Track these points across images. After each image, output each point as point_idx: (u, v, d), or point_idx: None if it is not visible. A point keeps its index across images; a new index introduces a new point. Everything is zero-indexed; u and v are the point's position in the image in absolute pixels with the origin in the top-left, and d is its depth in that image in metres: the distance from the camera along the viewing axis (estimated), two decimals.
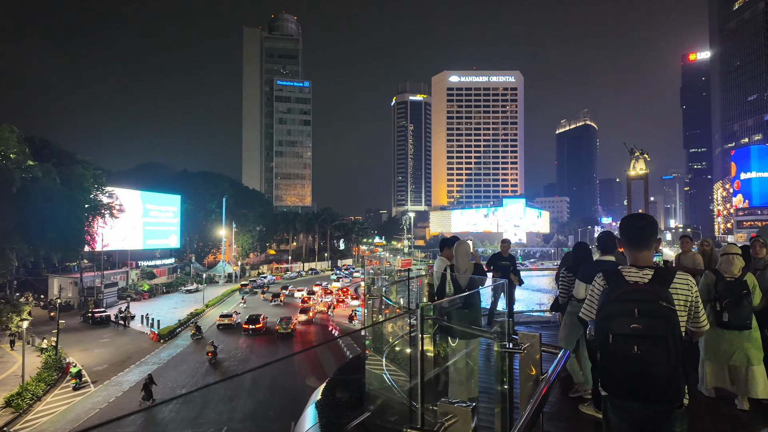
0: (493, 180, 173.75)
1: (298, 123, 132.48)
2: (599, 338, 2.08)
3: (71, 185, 31.76)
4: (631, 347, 1.96)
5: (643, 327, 1.96)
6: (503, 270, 7.29)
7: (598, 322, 2.10)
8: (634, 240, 2.28)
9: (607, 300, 2.10)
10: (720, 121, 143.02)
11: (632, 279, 2.17)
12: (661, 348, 1.95)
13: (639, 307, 2.01)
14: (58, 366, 23.67)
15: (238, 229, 71.65)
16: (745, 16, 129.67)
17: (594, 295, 2.36)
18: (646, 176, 47.38)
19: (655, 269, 2.20)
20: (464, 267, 4.54)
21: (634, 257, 2.29)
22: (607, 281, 2.25)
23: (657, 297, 2.05)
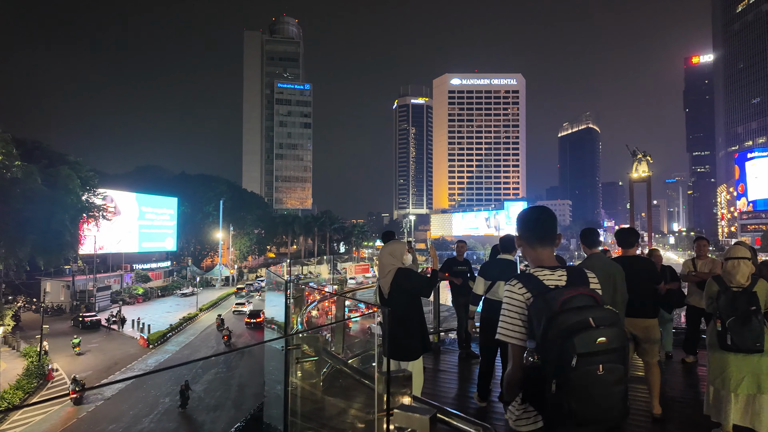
0: (495, 183, 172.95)
1: (298, 126, 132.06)
2: (555, 363, 1.58)
3: (56, 186, 31.09)
4: (596, 367, 1.56)
5: (608, 339, 1.59)
6: (461, 276, 6.34)
7: (552, 343, 1.60)
8: (538, 233, 1.90)
9: (552, 312, 1.64)
10: (723, 124, 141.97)
11: (551, 283, 1.79)
12: (622, 362, 1.63)
13: (593, 316, 1.62)
14: (40, 373, 22.94)
15: (235, 232, 70.99)
16: (748, 18, 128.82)
17: (515, 308, 1.81)
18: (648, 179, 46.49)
19: (565, 269, 1.86)
20: (386, 269, 3.73)
21: (538, 256, 1.90)
22: (527, 287, 1.79)
23: (599, 300, 1.75)
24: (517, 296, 1.80)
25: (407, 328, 3.65)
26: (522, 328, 1.78)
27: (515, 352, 1.76)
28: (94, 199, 40.68)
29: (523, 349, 1.74)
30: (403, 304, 3.65)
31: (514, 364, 1.78)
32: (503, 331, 1.83)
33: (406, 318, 3.66)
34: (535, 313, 1.70)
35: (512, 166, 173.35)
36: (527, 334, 1.76)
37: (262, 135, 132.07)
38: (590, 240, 4.07)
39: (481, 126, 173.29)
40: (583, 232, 4.15)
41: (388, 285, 3.68)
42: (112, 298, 45.28)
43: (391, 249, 3.78)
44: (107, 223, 45.31)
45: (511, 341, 1.80)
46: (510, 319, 1.81)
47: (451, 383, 5.35)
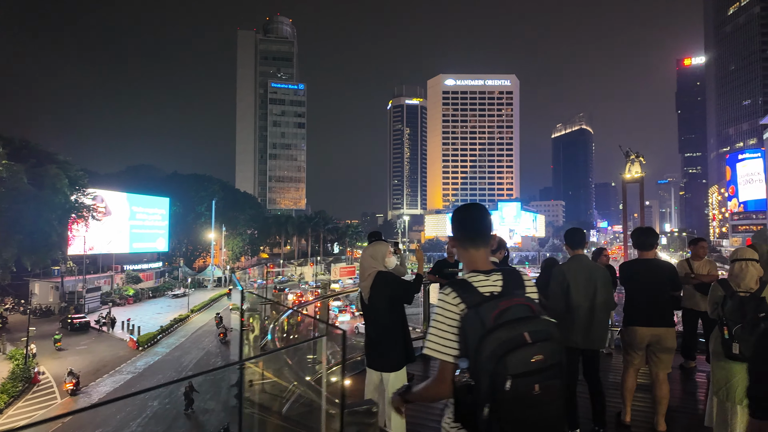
0: (489, 184, 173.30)
1: (292, 126, 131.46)
2: (487, 385, 1.40)
3: (43, 186, 30.54)
4: (532, 387, 1.40)
5: (545, 356, 1.42)
6: (451, 278, 6.10)
7: (484, 364, 1.41)
8: (470, 233, 1.71)
9: (484, 328, 1.45)
10: (715, 126, 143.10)
11: (486, 289, 1.57)
12: (559, 378, 1.47)
13: (529, 330, 1.44)
14: (26, 376, 22.48)
15: (228, 232, 70.47)
16: (740, 21, 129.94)
17: (448, 320, 1.56)
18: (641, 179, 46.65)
19: (501, 272, 1.65)
20: (366, 272, 3.47)
21: (472, 258, 1.70)
22: (462, 297, 1.55)
23: (536, 310, 1.56)
24: (451, 307, 1.57)
25: (388, 336, 3.42)
26: (454, 343, 1.54)
27: (445, 369, 1.55)
28: (84, 199, 40.07)
29: (454, 367, 1.53)
30: (383, 310, 3.41)
31: (440, 380, 1.56)
32: (432, 345, 1.57)
33: (387, 325, 3.42)
34: (467, 329, 1.50)
35: (506, 166, 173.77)
36: (460, 351, 1.53)
37: (256, 135, 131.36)
38: (573, 240, 3.87)
39: (475, 127, 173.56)
40: (567, 232, 3.94)
41: (368, 289, 3.44)
42: (102, 300, 44.66)
43: (372, 251, 3.53)
44: (97, 224, 44.70)
45: (440, 357, 1.55)
46: (441, 332, 1.57)
47: None
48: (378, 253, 3.50)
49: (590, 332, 3.66)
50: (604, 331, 3.74)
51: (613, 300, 3.81)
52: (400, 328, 3.48)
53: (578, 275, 3.70)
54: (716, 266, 5.60)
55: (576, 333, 3.67)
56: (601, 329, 3.69)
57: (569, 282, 3.69)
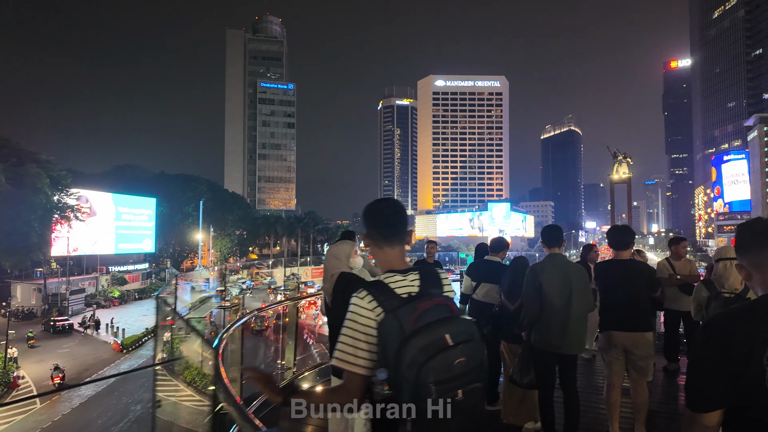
0: (479, 184, 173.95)
1: (282, 126, 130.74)
2: (409, 396, 1.29)
3: (23, 186, 29.88)
4: (456, 393, 1.30)
5: (467, 358, 1.32)
6: None
7: (404, 374, 1.28)
8: (385, 229, 1.58)
9: (404, 334, 1.32)
10: (701, 127, 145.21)
11: (404, 291, 1.46)
12: (482, 380, 1.39)
13: (450, 332, 1.32)
14: (5, 381, 21.94)
15: (216, 233, 69.80)
16: (724, 24, 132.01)
17: (362, 327, 1.42)
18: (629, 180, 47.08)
19: (418, 271, 1.54)
20: (329, 273, 3.17)
21: (387, 257, 1.58)
22: (379, 301, 1.43)
23: (455, 310, 1.46)
24: (367, 312, 1.42)
25: None
26: (368, 353, 1.40)
27: (353, 381, 1.40)
28: (67, 199, 39.33)
29: (365, 379, 1.40)
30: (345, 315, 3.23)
31: (347, 392, 1.41)
32: (343, 355, 1.41)
33: None
34: (385, 336, 1.36)
35: (496, 167, 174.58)
36: (376, 362, 1.40)
37: (245, 135, 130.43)
38: (549, 238, 3.67)
39: (465, 127, 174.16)
40: (543, 229, 3.75)
41: (330, 292, 3.18)
42: (87, 302, 43.89)
43: (336, 250, 3.28)
44: (82, 224, 43.93)
45: (351, 369, 1.40)
46: (354, 341, 1.41)
47: None
48: (341, 252, 3.27)
49: (566, 335, 3.44)
50: (581, 334, 3.52)
51: (591, 301, 3.57)
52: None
53: (552, 275, 3.51)
54: (696, 266, 5.54)
55: (551, 336, 3.47)
56: (578, 332, 3.48)
57: (542, 282, 3.50)
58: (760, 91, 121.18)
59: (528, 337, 3.60)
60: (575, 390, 3.54)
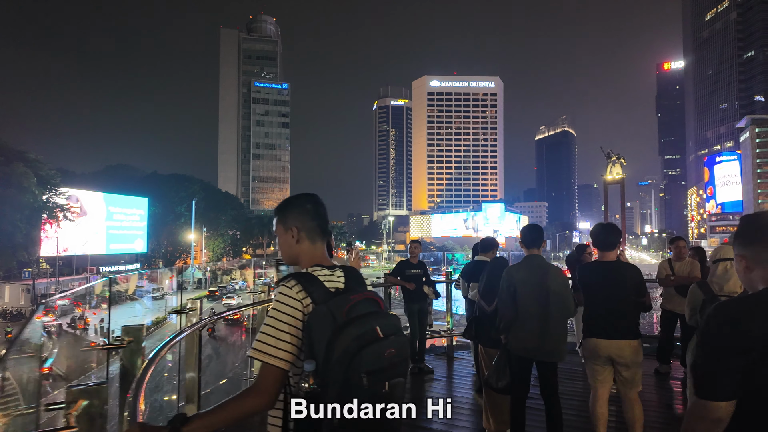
0: (473, 185, 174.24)
1: (276, 125, 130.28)
2: (340, 388, 1.25)
3: (9, 185, 29.45)
4: (383, 384, 1.29)
5: (396, 350, 1.32)
6: (414, 280, 5.68)
7: (335, 365, 1.25)
8: (314, 223, 1.54)
9: (336, 324, 1.30)
10: (693, 129, 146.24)
11: (332, 285, 1.45)
12: (405, 376, 1.38)
13: (380, 324, 1.33)
14: None
15: (209, 233, 69.37)
16: (717, 26, 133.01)
17: (289, 318, 1.36)
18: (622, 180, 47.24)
19: (342, 268, 1.54)
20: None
21: (315, 253, 1.55)
22: (308, 291, 1.40)
23: (383, 305, 1.46)
24: (294, 302, 1.38)
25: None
26: (291, 346, 1.36)
27: (270, 376, 1.33)
28: (56, 198, 38.86)
29: (285, 374, 1.35)
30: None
31: (261, 391, 1.33)
32: (264, 347, 1.33)
33: None
34: (315, 326, 1.31)
35: (490, 168, 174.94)
36: (296, 356, 1.37)
37: (239, 135, 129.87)
38: (527, 238, 3.48)
39: (460, 128, 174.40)
40: (523, 229, 3.54)
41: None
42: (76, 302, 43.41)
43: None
44: (72, 224, 43.46)
45: (271, 362, 1.33)
46: (278, 332, 1.35)
47: None
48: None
49: (543, 341, 3.26)
50: (560, 341, 3.34)
51: (571, 305, 3.36)
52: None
53: (528, 278, 3.34)
54: (698, 267, 5.38)
55: (527, 342, 3.30)
56: (556, 339, 3.30)
57: (516, 286, 3.34)
58: (751, 93, 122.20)
59: (506, 341, 3.45)
60: (557, 399, 3.35)
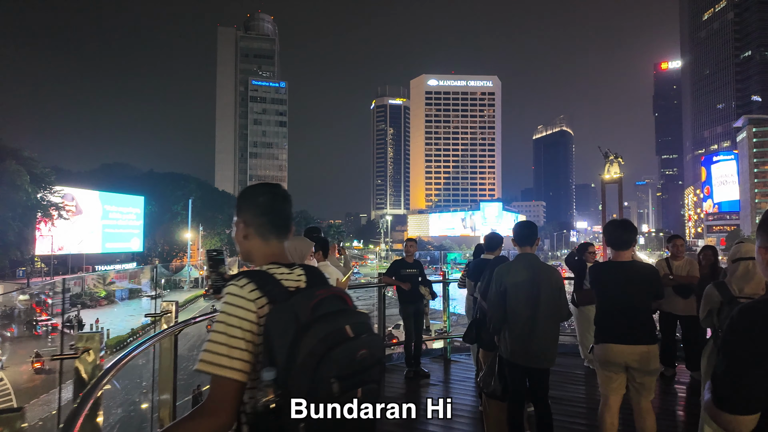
0: (471, 184, 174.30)
1: (273, 124, 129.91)
2: (303, 394, 1.08)
3: (1, 182, 29.13)
4: (355, 391, 1.14)
5: (369, 350, 1.17)
6: (410, 280, 5.49)
7: (303, 367, 1.08)
8: (276, 219, 1.37)
9: (299, 323, 1.13)
10: (690, 128, 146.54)
11: (291, 284, 1.29)
12: (378, 382, 1.23)
13: (350, 323, 1.17)
14: None
15: (205, 232, 69.12)
16: (714, 26, 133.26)
17: (241, 322, 1.18)
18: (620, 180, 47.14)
19: (302, 267, 1.37)
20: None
21: (273, 250, 1.37)
22: (263, 290, 1.22)
23: (350, 303, 1.31)
24: (247, 304, 1.20)
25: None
26: (246, 353, 1.17)
27: (224, 390, 1.14)
28: (51, 197, 38.56)
29: (242, 387, 1.17)
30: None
31: (215, 410, 1.14)
32: (213, 357, 1.15)
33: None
34: (275, 327, 1.13)
35: (488, 167, 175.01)
36: (253, 365, 1.18)
37: (236, 133, 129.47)
38: (520, 236, 3.32)
39: (458, 127, 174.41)
40: (515, 226, 3.38)
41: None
42: (72, 301, 43.10)
43: (290, 246, 2.74)
44: (67, 223, 43.16)
45: (223, 374, 1.13)
46: (229, 338, 1.16)
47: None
48: (296, 250, 2.68)
49: (531, 346, 3.07)
50: (549, 345, 3.14)
51: (564, 308, 3.21)
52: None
53: (518, 277, 3.16)
54: (697, 267, 5.22)
55: (515, 346, 3.12)
56: (545, 344, 3.11)
57: (506, 286, 3.17)
58: (748, 93, 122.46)
59: (499, 344, 3.31)
60: (546, 405, 3.16)
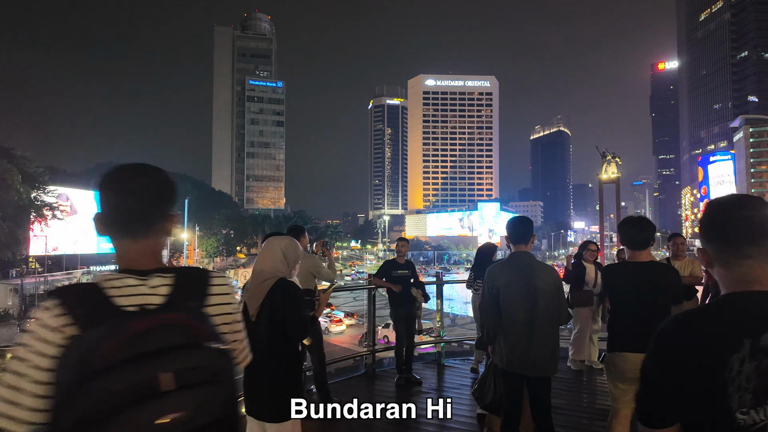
0: (469, 184, 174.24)
1: (270, 124, 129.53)
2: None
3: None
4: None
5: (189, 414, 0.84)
6: (401, 282, 5.08)
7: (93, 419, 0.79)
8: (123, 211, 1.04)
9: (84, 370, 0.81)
10: (687, 129, 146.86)
11: (132, 301, 0.94)
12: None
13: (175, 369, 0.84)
14: None
15: (202, 232, 68.83)
16: (711, 27, 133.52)
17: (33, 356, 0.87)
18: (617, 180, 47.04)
19: (175, 272, 1.04)
20: (263, 277, 2.45)
21: (126, 252, 1.05)
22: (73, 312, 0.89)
23: (203, 334, 0.93)
24: (46, 334, 0.88)
25: (268, 369, 2.34)
26: (37, 399, 0.85)
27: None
28: (44, 197, 38.24)
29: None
30: (270, 335, 2.36)
31: None
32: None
33: (274, 353, 2.36)
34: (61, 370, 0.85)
35: (485, 167, 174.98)
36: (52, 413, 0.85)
37: (233, 133, 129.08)
38: (514, 233, 2.99)
39: (455, 127, 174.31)
40: (508, 222, 3.10)
41: (258, 302, 2.36)
42: None
43: (284, 246, 2.44)
44: (62, 223, 42.91)
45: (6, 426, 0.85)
46: (16, 378, 0.86)
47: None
48: (292, 252, 2.45)
49: (529, 353, 2.81)
50: (550, 351, 2.88)
51: (564, 311, 2.93)
52: (288, 361, 2.44)
53: (512, 278, 2.89)
54: (699, 266, 5.01)
55: (512, 354, 2.85)
56: (546, 350, 2.84)
57: (499, 287, 2.90)
58: (745, 93, 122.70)
59: (493, 353, 3.04)
60: (549, 421, 2.88)
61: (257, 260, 2.49)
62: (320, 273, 4.21)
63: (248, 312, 2.40)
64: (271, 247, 2.48)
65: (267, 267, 2.42)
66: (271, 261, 2.43)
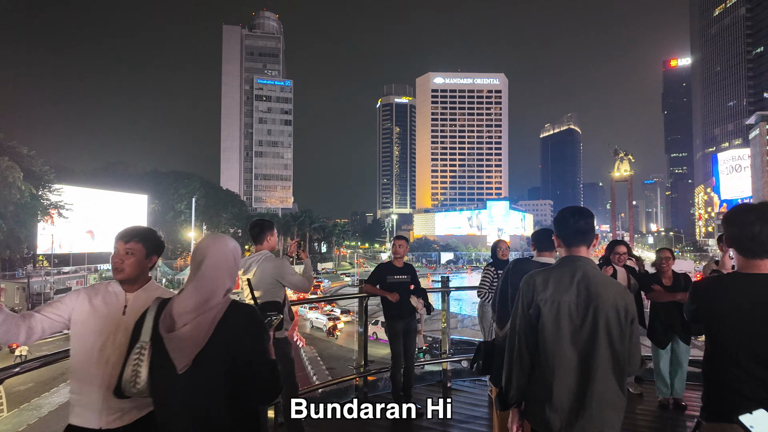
0: (477, 183, 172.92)
1: (279, 123, 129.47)
2: None
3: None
4: None
5: None
6: (398, 289, 4.24)
7: None
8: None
9: None
10: (701, 126, 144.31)
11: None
12: None
13: None
14: None
15: (209, 231, 68.74)
16: (725, 22, 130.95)
17: None
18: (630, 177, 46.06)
19: None
20: (213, 298, 1.60)
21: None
22: None
23: None
24: None
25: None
26: None
27: None
28: (50, 195, 38.14)
29: None
30: (214, 391, 1.53)
31: None
32: None
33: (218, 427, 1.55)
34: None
35: (495, 165, 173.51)
36: None
37: (241, 132, 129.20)
38: (567, 230, 1.87)
39: (464, 125, 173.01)
40: (557, 215, 1.99)
41: (199, 342, 1.51)
42: None
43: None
44: (70, 222, 42.86)
45: None
46: None
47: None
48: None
49: (580, 417, 1.71)
50: (611, 412, 1.72)
51: (637, 353, 1.78)
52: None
53: (560, 294, 1.79)
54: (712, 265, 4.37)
55: (553, 412, 1.76)
56: (603, 412, 1.71)
57: (541, 308, 1.81)
58: (761, 90, 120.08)
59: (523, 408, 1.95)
60: None
61: (201, 277, 1.58)
62: (291, 281, 3.23)
63: (172, 358, 1.50)
64: (213, 257, 1.61)
65: (215, 285, 1.59)
66: (220, 276, 1.61)
